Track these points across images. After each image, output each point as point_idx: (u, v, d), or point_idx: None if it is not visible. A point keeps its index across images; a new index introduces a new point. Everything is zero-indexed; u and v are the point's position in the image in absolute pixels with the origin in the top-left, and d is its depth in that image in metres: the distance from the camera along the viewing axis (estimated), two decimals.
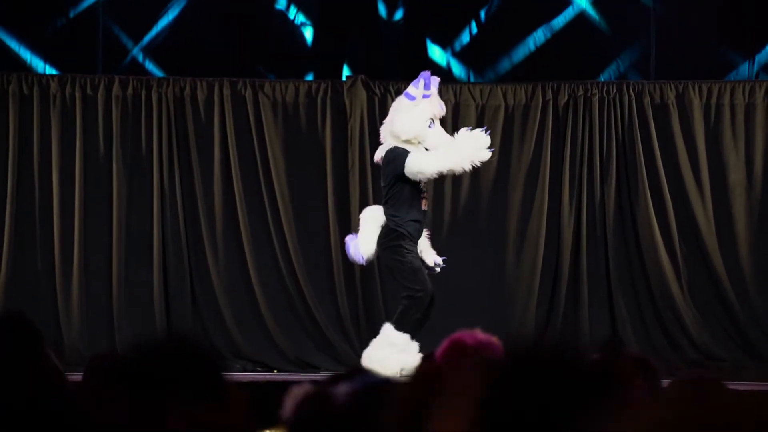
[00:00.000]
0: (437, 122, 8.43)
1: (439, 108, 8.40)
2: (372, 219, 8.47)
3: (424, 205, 8.48)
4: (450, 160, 8.21)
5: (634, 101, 10.32)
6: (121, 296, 10.11)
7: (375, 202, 10.33)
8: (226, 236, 10.25)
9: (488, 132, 8.44)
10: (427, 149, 8.34)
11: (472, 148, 8.22)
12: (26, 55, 10.38)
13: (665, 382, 3.99)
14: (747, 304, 10.11)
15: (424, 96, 8.35)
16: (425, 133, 8.30)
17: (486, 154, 8.26)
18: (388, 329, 8.38)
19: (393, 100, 10.42)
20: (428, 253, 8.59)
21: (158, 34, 10.55)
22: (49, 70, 10.37)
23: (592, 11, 10.61)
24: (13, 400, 2.39)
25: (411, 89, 8.43)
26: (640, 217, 10.22)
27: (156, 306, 10.12)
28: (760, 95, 10.26)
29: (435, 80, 8.50)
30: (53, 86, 10.19)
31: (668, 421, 1.28)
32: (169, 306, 10.20)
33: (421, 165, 8.24)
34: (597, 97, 10.34)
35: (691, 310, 10.14)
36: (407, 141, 8.31)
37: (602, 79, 10.53)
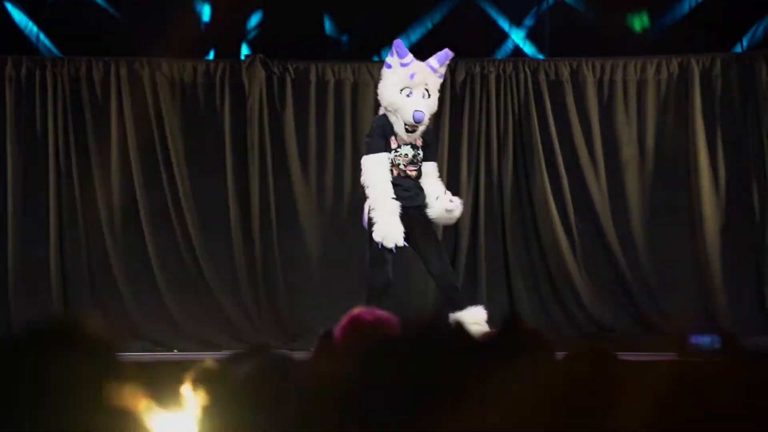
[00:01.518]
0: (417, 92, 8.37)
1: (408, 78, 8.35)
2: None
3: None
4: (373, 197, 8.26)
5: (530, 78, 10.44)
6: (17, 278, 10.00)
7: (275, 182, 10.35)
8: (124, 217, 10.19)
9: None
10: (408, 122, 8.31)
11: (386, 226, 8.20)
12: None
13: (561, 355, 4.08)
14: (640, 277, 10.31)
15: (402, 65, 8.39)
16: (397, 101, 8.32)
17: (379, 238, 8.20)
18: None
19: (291, 80, 10.44)
20: None
21: (52, 13, 10.41)
22: None
23: None
24: None
25: (388, 58, 8.50)
26: (536, 193, 10.35)
27: (53, 287, 10.03)
28: (651, 71, 10.44)
29: (444, 55, 8.57)
30: None
31: (562, 392, 1.33)
32: (67, 286, 10.11)
33: (365, 168, 8.34)
34: (493, 74, 10.44)
35: (586, 284, 10.31)
36: (387, 109, 8.37)
37: (498, 57, 10.63)
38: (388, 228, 8.19)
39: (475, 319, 8.36)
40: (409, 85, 8.36)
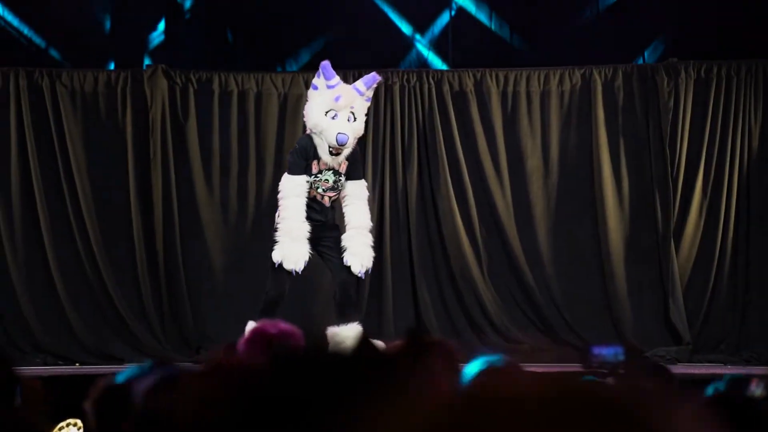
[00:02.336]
0: (342, 115, 8.28)
1: (333, 101, 8.27)
2: None
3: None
4: (283, 218, 8.27)
5: (434, 89, 10.48)
6: None
7: (178, 193, 10.26)
8: (24, 228, 10.04)
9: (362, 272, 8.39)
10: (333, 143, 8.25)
11: (288, 249, 8.19)
12: None
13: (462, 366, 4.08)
14: (545, 287, 10.38)
15: (328, 87, 8.32)
16: (321, 122, 8.25)
17: (278, 258, 8.20)
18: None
19: (194, 90, 10.37)
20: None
21: None
22: None
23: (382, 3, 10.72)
24: None
25: (314, 80, 8.41)
26: (441, 202, 10.38)
27: None
28: (554, 83, 10.53)
29: (371, 78, 8.50)
30: None
31: (462, 405, 1.31)
32: None
33: (281, 187, 8.34)
34: (398, 85, 10.46)
35: (491, 294, 10.36)
36: (312, 131, 8.30)
37: (402, 68, 10.66)
38: (289, 252, 8.18)
39: (348, 334, 8.35)
40: (334, 108, 8.30)
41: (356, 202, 8.43)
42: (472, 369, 3.54)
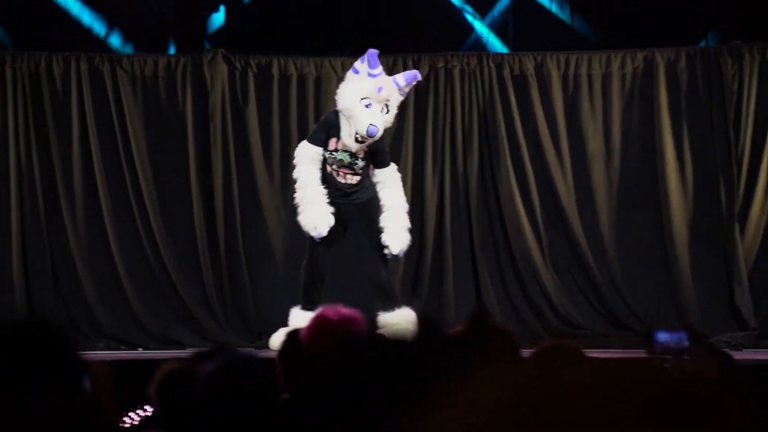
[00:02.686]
0: (376, 105, 8.27)
1: (376, 91, 8.26)
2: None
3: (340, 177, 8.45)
4: (299, 186, 8.34)
5: (494, 73, 10.42)
6: None
7: (239, 177, 10.29)
8: (86, 213, 10.11)
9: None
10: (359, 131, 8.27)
11: (309, 214, 8.27)
12: None
13: (528, 352, 4.05)
14: (607, 272, 10.31)
15: (370, 75, 8.32)
16: (354, 108, 8.24)
17: (305, 225, 8.30)
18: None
19: (254, 74, 10.39)
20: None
21: (11, 6, 10.32)
22: None
23: None
24: None
25: (357, 63, 8.41)
26: (502, 187, 10.33)
27: (15, 284, 9.94)
28: (615, 66, 10.44)
29: (412, 75, 8.50)
30: None
31: (528, 391, 1.29)
32: (29, 284, 10.03)
33: (297, 154, 8.41)
34: (458, 69, 10.41)
35: (553, 279, 10.31)
36: (342, 112, 8.31)
37: (462, 51, 10.61)
38: (311, 216, 8.22)
39: (402, 319, 8.37)
40: (372, 97, 8.30)
41: (390, 186, 8.46)
42: None
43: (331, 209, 8.32)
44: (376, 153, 8.45)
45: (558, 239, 10.38)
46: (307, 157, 8.37)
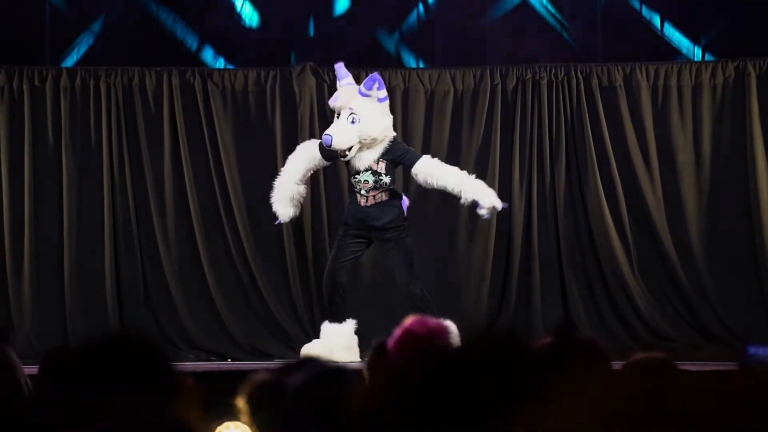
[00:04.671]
0: (342, 115, 8.38)
1: (331, 100, 8.50)
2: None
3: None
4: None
5: (582, 84, 10.37)
6: (73, 287, 10.05)
7: (325, 190, 10.34)
8: (177, 225, 10.22)
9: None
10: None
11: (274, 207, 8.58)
12: None
13: (618, 364, 4.03)
14: (697, 283, 10.20)
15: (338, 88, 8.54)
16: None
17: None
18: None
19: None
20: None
21: (104, 24, 10.48)
22: None
23: None
24: None
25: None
26: (590, 198, 10.28)
27: (108, 297, 10.07)
28: (706, 76, 10.34)
29: (369, 79, 8.45)
30: (1, 79, 10.11)
31: (620, 404, 1.29)
32: (121, 296, 10.15)
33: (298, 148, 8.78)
34: (545, 80, 10.38)
35: (642, 291, 10.22)
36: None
37: (550, 63, 10.56)
38: (275, 208, 8.51)
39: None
40: (333, 108, 8.43)
41: (437, 167, 8.44)
42: None
43: (294, 203, 8.53)
44: (399, 157, 8.45)
45: (647, 250, 10.29)
46: (296, 152, 8.65)
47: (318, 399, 2.85)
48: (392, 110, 10.44)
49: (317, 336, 10.15)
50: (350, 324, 8.64)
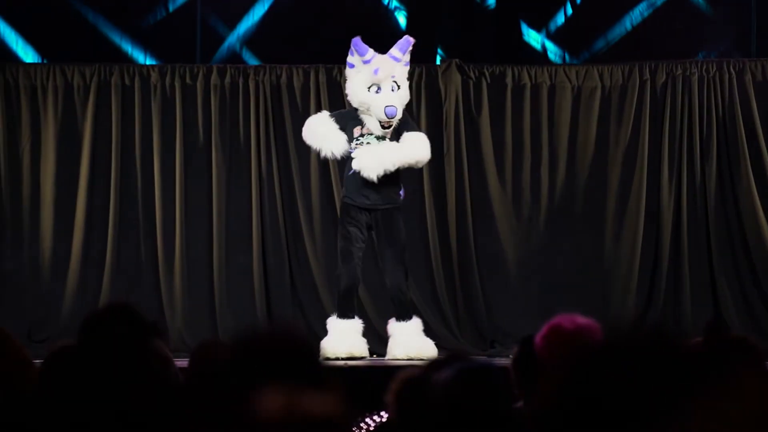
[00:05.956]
0: (385, 86, 8.38)
1: (373, 74, 8.37)
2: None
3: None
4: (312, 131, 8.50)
5: (734, 79, 10.18)
6: (221, 283, 10.21)
7: (471, 187, 10.32)
8: (323, 222, 10.30)
9: None
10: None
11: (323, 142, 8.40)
12: (127, 46, 10.53)
13: None
14: None
15: (364, 62, 8.44)
16: (366, 99, 8.39)
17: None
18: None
19: (487, 84, 10.41)
20: None
21: (254, 23, 10.63)
22: (150, 61, 10.51)
23: None
24: (119, 392, 2.43)
25: (349, 58, 8.52)
26: (742, 196, 10.08)
27: (256, 292, 10.20)
28: None
29: (405, 42, 8.53)
30: (153, 77, 10.32)
31: None
32: (269, 292, 10.27)
33: (306, 127, 8.68)
34: (696, 76, 10.21)
35: None
36: (359, 110, 8.42)
37: (701, 58, 10.39)
38: (325, 142, 8.39)
39: (409, 330, 8.34)
40: (375, 81, 8.35)
41: (411, 138, 8.38)
42: None
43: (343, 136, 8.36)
44: (403, 125, 8.46)
45: None
46: (318, 121, 8.56)
47: (465, 395, 2.85)
48: (538, 106, 10.42)
49: (462, 333, 10.16)
50: (358, 320, 8.68)
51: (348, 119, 8.52)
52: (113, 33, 10.51)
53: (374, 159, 8.31)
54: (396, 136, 8.48)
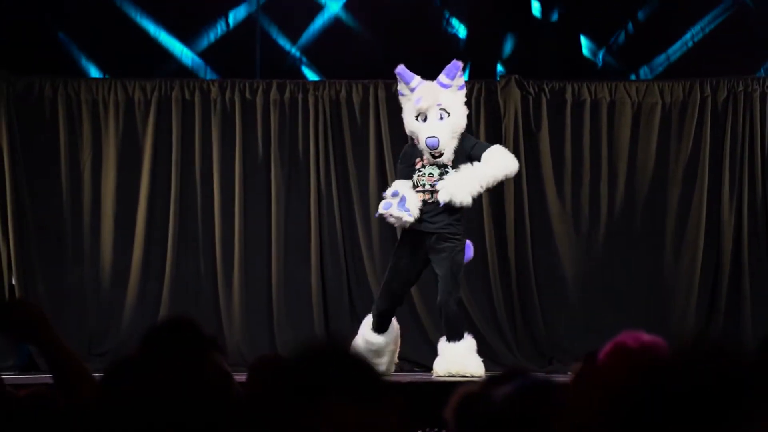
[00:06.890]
0: (432, 115, 8.22)
1: (415, 104, 8.19)
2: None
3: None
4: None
5: None
6: (280, 298, 10.24)
7: (530, 203, 10.29)
8: (381, 237, 10.31)
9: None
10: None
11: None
12: (188, 61, 10.61)
13: None
14: None
15: (411, 90, 8.29)
16: (414, 128, 8.31)
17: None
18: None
19: (547, 100, 10.38)
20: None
21: (314, 37, 10.67)
22: (210, 76, 10.57)
23: (751, 3, 10.41)
24: (177, 406, 2.44)
25: (398, 86, 8.40)
26: None
27: (314, 307, 10.22)
28: None
29: (453, 66, 8.31)
30: (214, 91, 10.39)
31: None
32: (327, 307, 10.29)
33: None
34: (758, 92, 10.13)
35: None
36: (411, 138, 8.37)
37: (762, 74, 10.31)
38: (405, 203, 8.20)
39: (455, 350, 8.22)
40: (420, 110, 8.14)
41: (490, 155, 8.18)
42: None
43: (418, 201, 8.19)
44: (471, 148, 8.27)
45: None
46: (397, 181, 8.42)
47: (525, 412, 2.83)
48: (598, 122, 10.38)
49: (519, 350, 10.12)
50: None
51: (409, 156, 8.43)
52: (174, 47, 10.60)
53: (459, 185, 8.14)
54: (468, 161, 8.30)
